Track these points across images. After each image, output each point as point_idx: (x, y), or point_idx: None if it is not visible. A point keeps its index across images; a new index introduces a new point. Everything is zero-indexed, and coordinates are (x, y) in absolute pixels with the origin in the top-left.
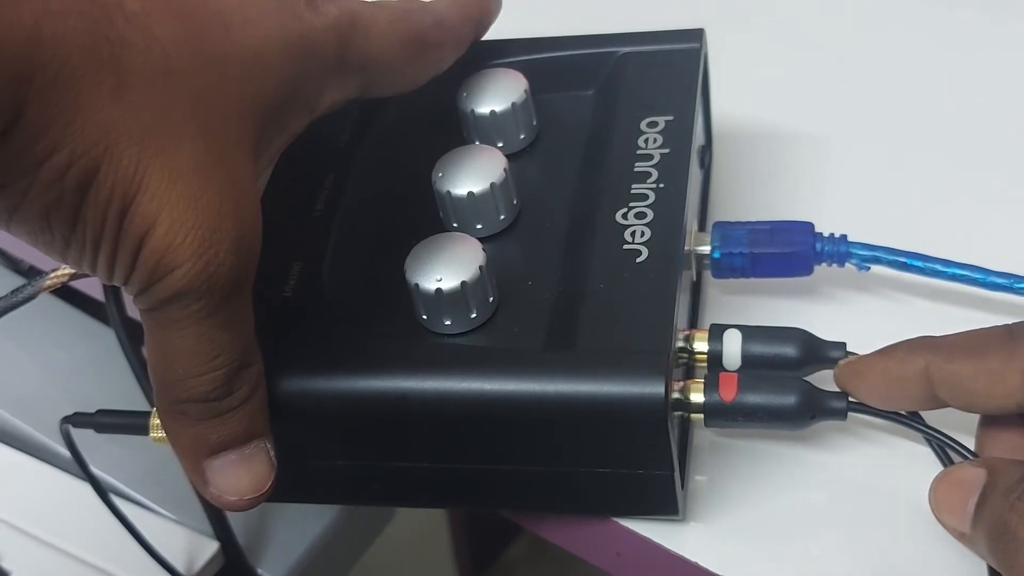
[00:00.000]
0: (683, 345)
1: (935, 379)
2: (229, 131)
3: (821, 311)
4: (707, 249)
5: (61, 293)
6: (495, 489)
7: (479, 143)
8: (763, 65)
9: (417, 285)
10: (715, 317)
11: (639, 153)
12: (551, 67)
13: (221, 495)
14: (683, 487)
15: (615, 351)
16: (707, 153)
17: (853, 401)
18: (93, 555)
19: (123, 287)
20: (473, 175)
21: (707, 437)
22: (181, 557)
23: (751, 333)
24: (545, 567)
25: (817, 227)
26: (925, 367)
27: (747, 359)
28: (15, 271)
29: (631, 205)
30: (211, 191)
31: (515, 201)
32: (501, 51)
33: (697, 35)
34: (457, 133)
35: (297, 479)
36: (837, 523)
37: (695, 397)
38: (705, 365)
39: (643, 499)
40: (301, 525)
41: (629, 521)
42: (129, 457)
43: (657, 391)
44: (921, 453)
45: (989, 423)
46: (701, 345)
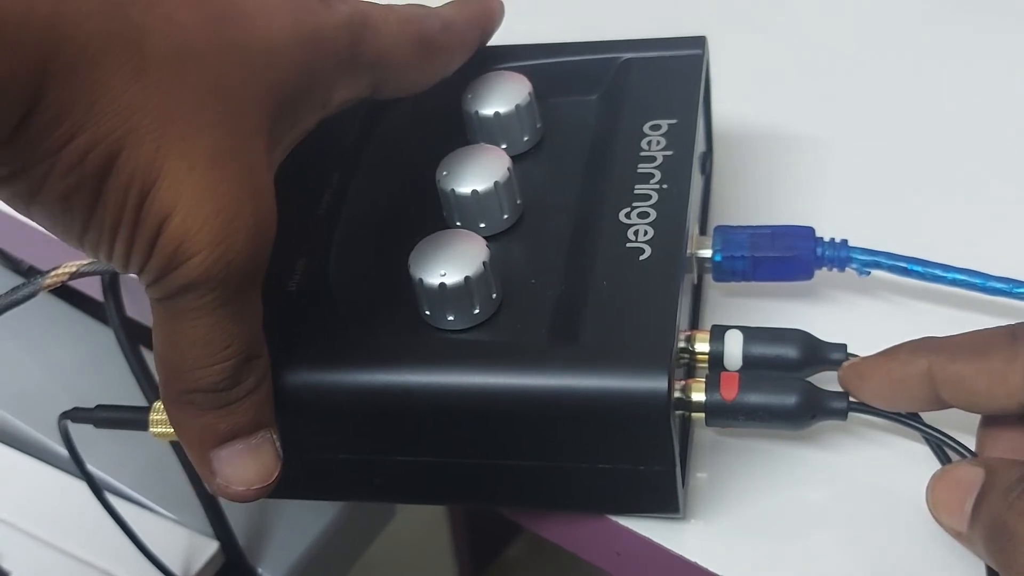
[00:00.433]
0: (684, 346)
1: (938, 380)
2: (246, 120)
3: (821, 313)
4: (708, 252)
5: (60, 293)
6: (496, 486)
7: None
8: (764, 70)
9: (421, 280)
10: (716, 319)
11: (642, 155)
12: (555, 72)
13: (228, 485)
14: (684, 485)
15: (618, 347)
16: (708, 159)
17: (853, 401)
18: (93, 555)
19: (137, 275)
20: (477, 174)
21: (707, 436)
22: (181, 557)
23: (752, 334)
24: (545, 567)
25: (818, 231)
26: (928, 368)
27: (748, 360)
28: (15, 271)
29: (634, 205)
30: (229, 180)
31: (518, 201)
32: (506, 56)
33: (699, 42)
34: (461, 134)
35: (300, 474)
36: (837, 522)
37: (696, 396)
38: (706, 366)
39: (644, 497)
40: (301, 524)
41: (629, 520)
42: (129, 457)
43: (660, 386)
44: (921, 453)
45: (990, 423)
46: (702, 346)
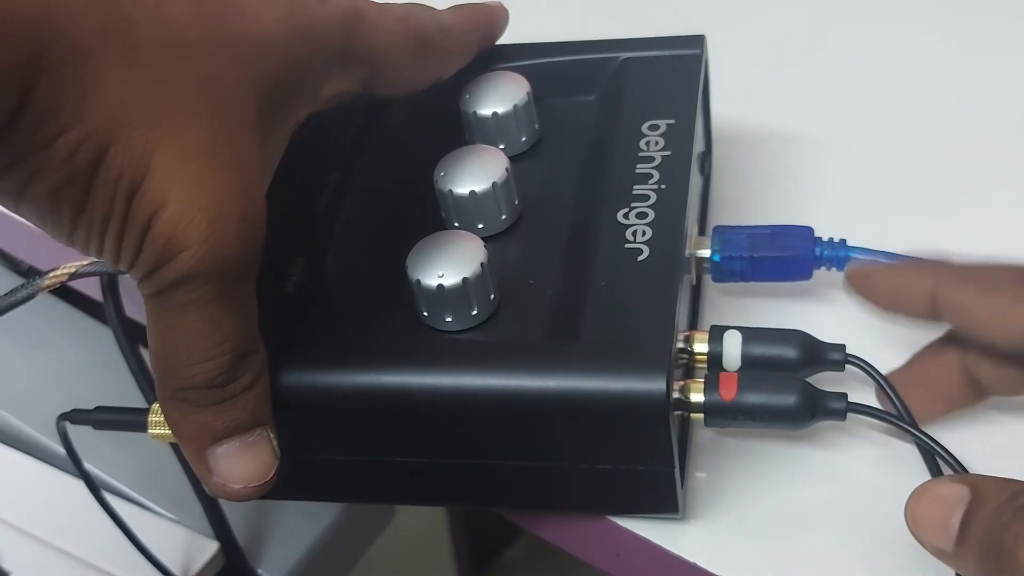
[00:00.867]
0: (683, 346)
1: (941, 302)
2: (237, 113)
3: (820, 313)
4: (707, 253)
5: (60, 293)
6: (495, 486)
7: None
8: (763, 69)
9: (419, 281)
10: (715, 319)
11: (640, 155)
12: (553, 72)
13: (225, 483)
14: (683, 485)
15: (617, 347)
16: (707, 159)
17: (853, 402)
18: (92, 555)
19: (129, 271)
20: (475, 174)
21: (706, 436)
22: (181, 557)
23: (751, 334)
24: (544, 568)
25: (817, 231)
26: (933, 288)
27: (747, 360)
28: (15, 271)
29: (632, 205)
30: (220, 173)
31: (516, 202)
32: (504, 55)
33: (698, 41)
34: (459, 135)
35: (298, 475)
36: (836, 522)
37: (695, 396)
38: (705, 366)
39: (643, 497)
40: (301, 525)
41: (628, 521)
42: (129, 458)
43: (659, 386)
44: (919, 452)
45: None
46: (701, 346)
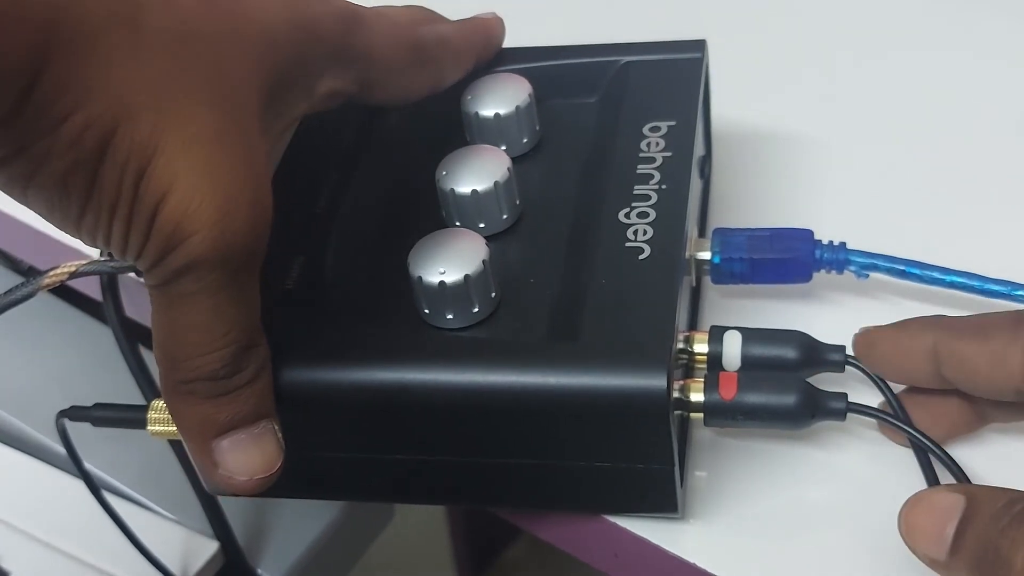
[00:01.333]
0: (683, 346)
1: (941, 356)
2: (243, 102)
3: (820, 315)
4: (707, 255)
5: (59, 292)
6: (495, 485)
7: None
8: (763, 73)
9: (420, 278)
10: (714, 320)
11: (642, 156)
12: (555, 75)
13: (231, 476)
14: (682, 485)
15: (617, 345)
16: (707, 163)
17: (852, 402)
18: (92, 555)
19: (137, 260)
20: (477, 174)
21: (706, 436)
22: (180, 557)
23: (751, 335)
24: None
25: (816, 234)
26: (933, 344)
27: (747, 361)
28: (14, 271)
29: (633, 205)
30: (226, 158)
31: (517, 201)
32: (506, 58)
33: (699, 46)
34: (460, 135)
35: (298, 473)
36: (836, 522)
37: (695, 396)
38: (705, 367)
39: (643, 496)
40: (301, 525)
41: (627, 521)
42: (129, 458)
43: (659, 384)
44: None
45: (915, 390)
46: (701, 347)
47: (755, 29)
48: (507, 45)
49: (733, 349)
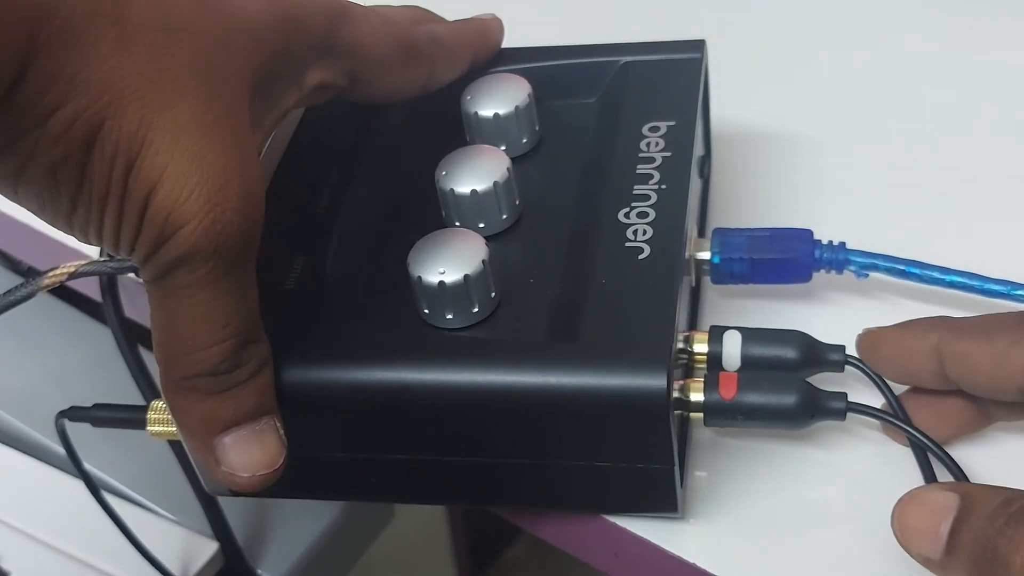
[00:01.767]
0: (683, 346)
1: (945, 356)
2: (230, 94)
3: (820, 315)
4: (707, 255)
5: (59, 293)
6: (495, 485)
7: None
8: (763, 72)
9: (420, 278)
10: (714, 320)
11: (641, 156)
12: (555, 75)
13: (233, 473)
14: (682, 485)
15: (617, 344)
16: (706, 163)
17: (852, 402)
18: (91, 555)
19: (131, 254)
20: (477, 174)
21: (706, 436)
22: (180, 558)
23: (751, 335)
24: (544, 568)
25: (816, 234)
26: (937, 343)
27: (747, 360)
28: (14, 271)
29: (633, 205)
30: (215, 148)
31: (517, 201)
32: (506, 59)
33: (699, 46)
34: (460, 135)
35: (298, 473)
36: (836, 521)
37: (695, 396)
38: (705, 366)
39: (643, 496)
40: (301, 525)
41: (627, 521)
42: (129, 458)
43: (659, 383)
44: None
45: (918, 390)
46: (701, 346)
47: (755, 29)
48: (507, 45)
49: (733, 349)
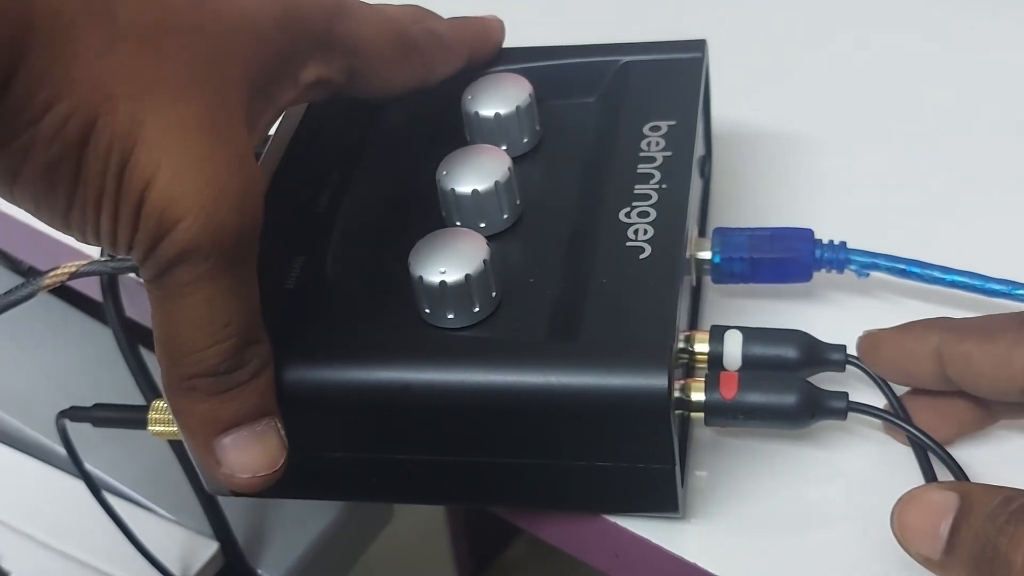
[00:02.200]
0: (684, 346)
1: (945, 357)
2: (224, 90)
3: (821, 314)
4: (707, 254)
5: (59, 293)
6: (496, 485)
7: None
8: (763, 72)
9: (421, 278)
10: (715, 320)
11: (642, 155)
12: (555, 75)
13: (233, 474)
14: (683, 484)
15: (618, 344)
16: (707, 163)
17: (853, 401)
18: (92, 555)
19: (129, 252)
20: (478, 173)
21: (706, 435)
22: (180, 557)
23: (752, 334)
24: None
25: (817, 233)
26: (938, 345)
27: (747, 360)
28: (15, 271)
29: (634, 204)
30: (210, 145)
31: (518, 201)
32: (506, 58)
33: (699, 45)
34: (461, 135)
35: (299, 473)
36: (837, 521)
37: (696, 395)
38: (705, 366)
39: (643, 496)
40: (301, 525)
41: (627, 521)
42: (129, 458)
43: (660, 383)
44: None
45: (919, 391)
46: (702, 346)
47: (755, 29)
48: (507, 45)
49: (734, 348)
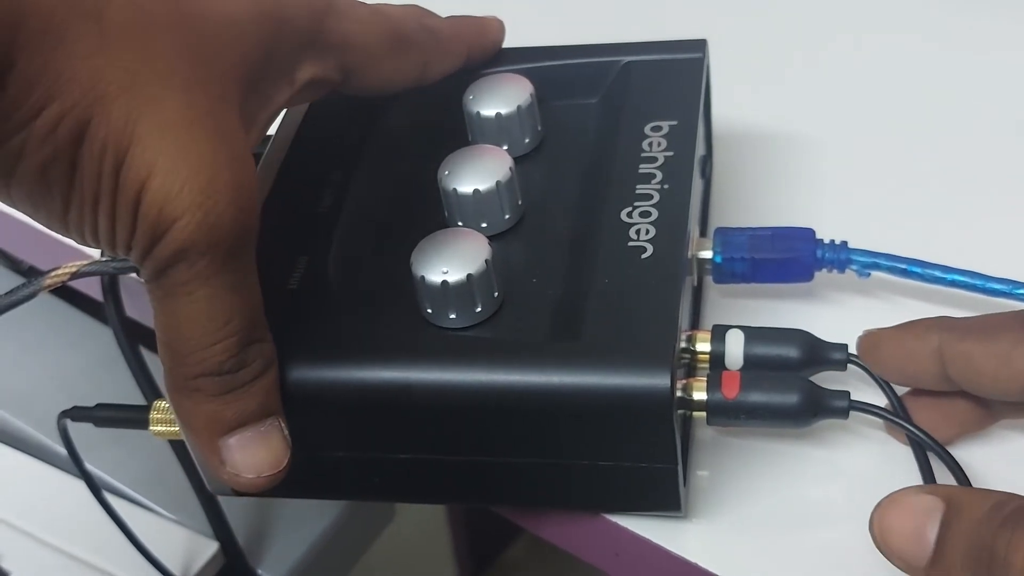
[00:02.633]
0: (685, 346)
1: (947, 357)
2: (216, 88)
3: (822, 314)
4: (709, 254)
5: (60, 293)
6: (498, 484)
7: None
8: (764, 72)
9: (423, 278)
10: (716, 320)
11: (643, 156)
12: (556, 75)
13: (238, 474)
14: (685, 484)
15: (620, 344)
16: (708, 163)
17: (855, 400)
18: (92, 555)
19: (127, 253)
20: (479, 173)
21: (708, 434)
22: (181, 557)
23: (753, 334)
24: (544, 568)
25: (818, 233)
26: (939, 345)
27: (749, 360)
28: (15, 271)
29: (636, 204)
30: (203, 141)
31: (519, 201)
32: (507, 58)
33: (700, 45)
34: (462, 135)
35: (301, 473)
36: (838, 520)
37: (698, 395)
38: (707, 366)
39: (646, 495)
40: (301, 525)
41: (628, 521)
42: (130, 458)
43: (663, 382)
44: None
45: (920, 392)
46: (703, 345)
47: (755, 29)
48: (507, 45)
49: (735, 348)
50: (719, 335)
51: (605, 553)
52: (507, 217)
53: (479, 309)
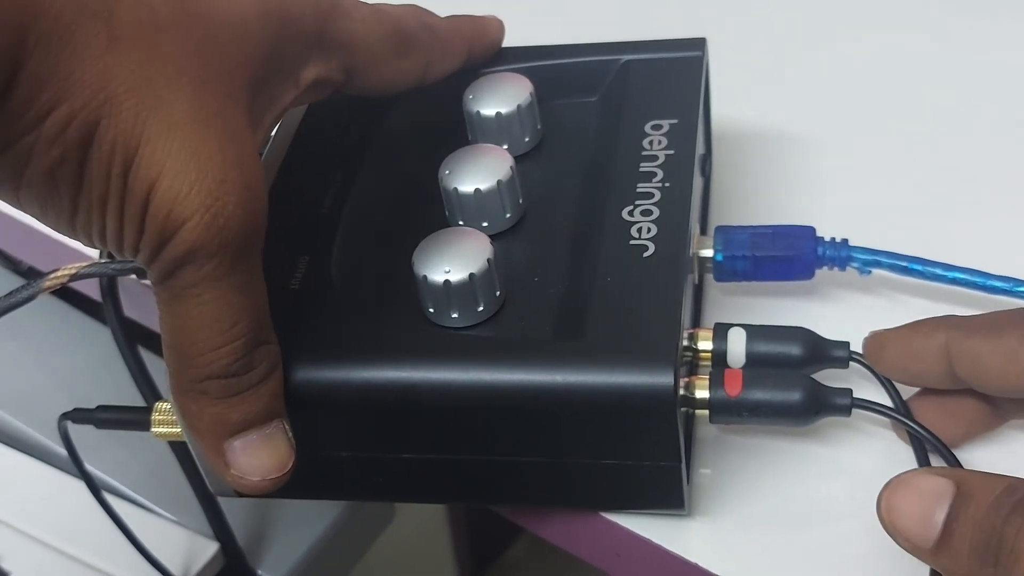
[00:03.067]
0: (687, 344)
1: (953, 355)
2: (224, 88)
3: (823, 312)
4: (709, 252)
5: (60, 294)
6: (501, 483)
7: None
8: (764, 70)
9: (425, 277)
10: (718, 318)
11: (644, 154)
12: (556, 74)
13: (243, 476)
14: (688, 482)
15: (623, 342)
16: (708, 161)
17: (857, 398)
18: (92, 556)
19: (135, 255)
20: (480, 173)
21: (711, 433)
22: (181, 558)
23: (755, 332)
24: (544, 568)
25: (818, 231)
26: (945, 343)
27: (751, 357)
28: (15, 272)
29: (637, 203)
30: (212, 142)
31: (520, 200)
32: (507, 57)
33: (699, 44)
34: (463, 135)
35: (303, 473)
36: (841, 518)
37: (700, 393)
38: (709, 364)
39: (649, 493)
40: (301, 526)
41: (629, 520)
42: (130, 459)
43: (666, 380)
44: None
45: (927, 391)
46: (705, 344)
47: (755, 28)
48: (507, 45)
49: (738, 346)
50: (721, 333)
51: (606, 553)
52: (508, 216)
53: (481, 308)
